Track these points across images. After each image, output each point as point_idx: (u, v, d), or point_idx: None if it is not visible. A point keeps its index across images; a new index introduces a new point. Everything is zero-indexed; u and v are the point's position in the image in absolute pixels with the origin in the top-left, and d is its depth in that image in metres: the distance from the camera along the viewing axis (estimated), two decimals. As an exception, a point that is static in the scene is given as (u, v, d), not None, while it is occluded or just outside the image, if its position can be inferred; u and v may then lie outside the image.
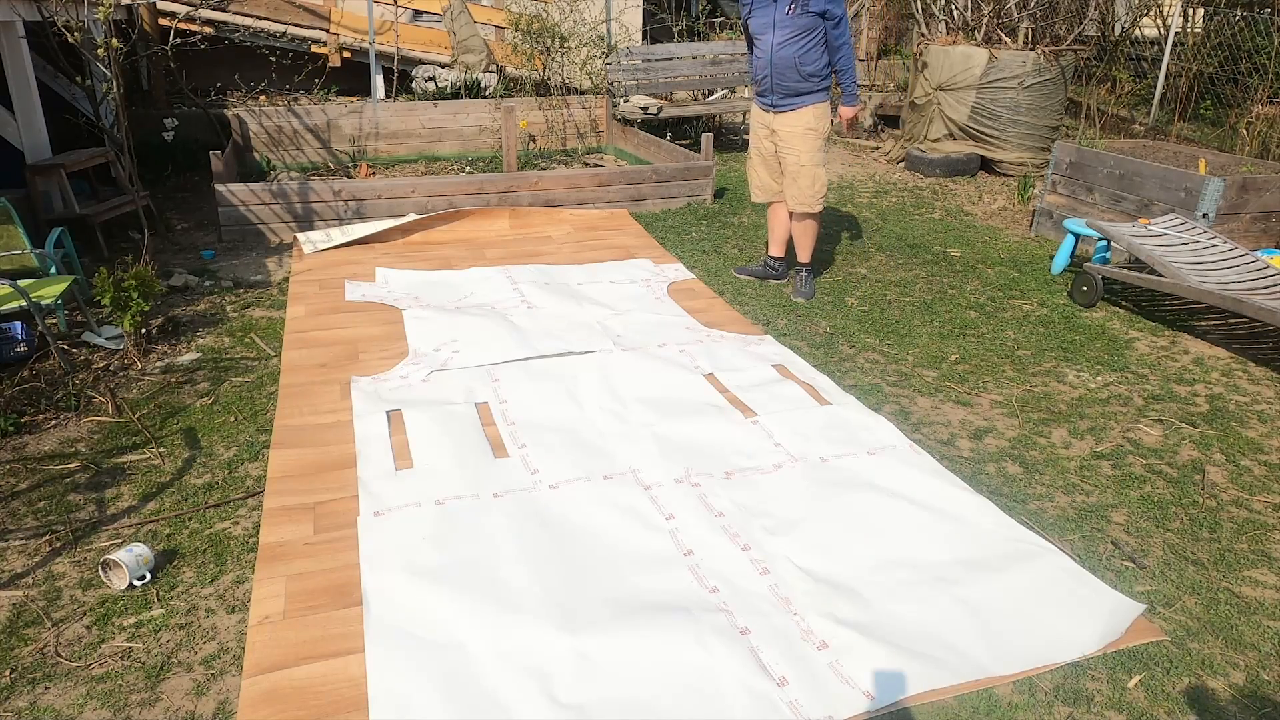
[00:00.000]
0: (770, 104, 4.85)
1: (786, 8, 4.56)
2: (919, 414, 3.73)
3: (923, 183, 7.83)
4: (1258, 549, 2.87)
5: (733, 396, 3.77)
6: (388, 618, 2.45)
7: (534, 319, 4.54)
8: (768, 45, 4.69)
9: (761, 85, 4.84)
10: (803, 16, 4.54)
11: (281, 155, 7.91)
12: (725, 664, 2.30)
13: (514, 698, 2.19)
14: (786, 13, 4.56)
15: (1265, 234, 5.58)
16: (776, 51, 4.65)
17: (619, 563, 2.71)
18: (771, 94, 4.80)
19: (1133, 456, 3.43)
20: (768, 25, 4.66)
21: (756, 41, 4.76)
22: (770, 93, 4.81)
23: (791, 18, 4.55)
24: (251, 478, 3.21)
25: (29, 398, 3.72)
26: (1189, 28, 9.77)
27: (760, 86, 4.86)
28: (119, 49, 5.13)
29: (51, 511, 3.01)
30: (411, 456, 3.26)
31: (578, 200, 6.51)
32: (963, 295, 5.11)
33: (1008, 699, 2.25)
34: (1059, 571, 2.68)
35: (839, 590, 2.59)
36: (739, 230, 6.30)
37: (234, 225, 5.80)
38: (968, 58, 7.83)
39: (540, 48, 8.78)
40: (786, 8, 4.56)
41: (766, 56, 4.72)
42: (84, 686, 2.28)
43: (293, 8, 9.10)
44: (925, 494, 3.07)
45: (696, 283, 5.21)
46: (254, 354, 4.25)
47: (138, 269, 4.00)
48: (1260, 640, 2.47)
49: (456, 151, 8.48)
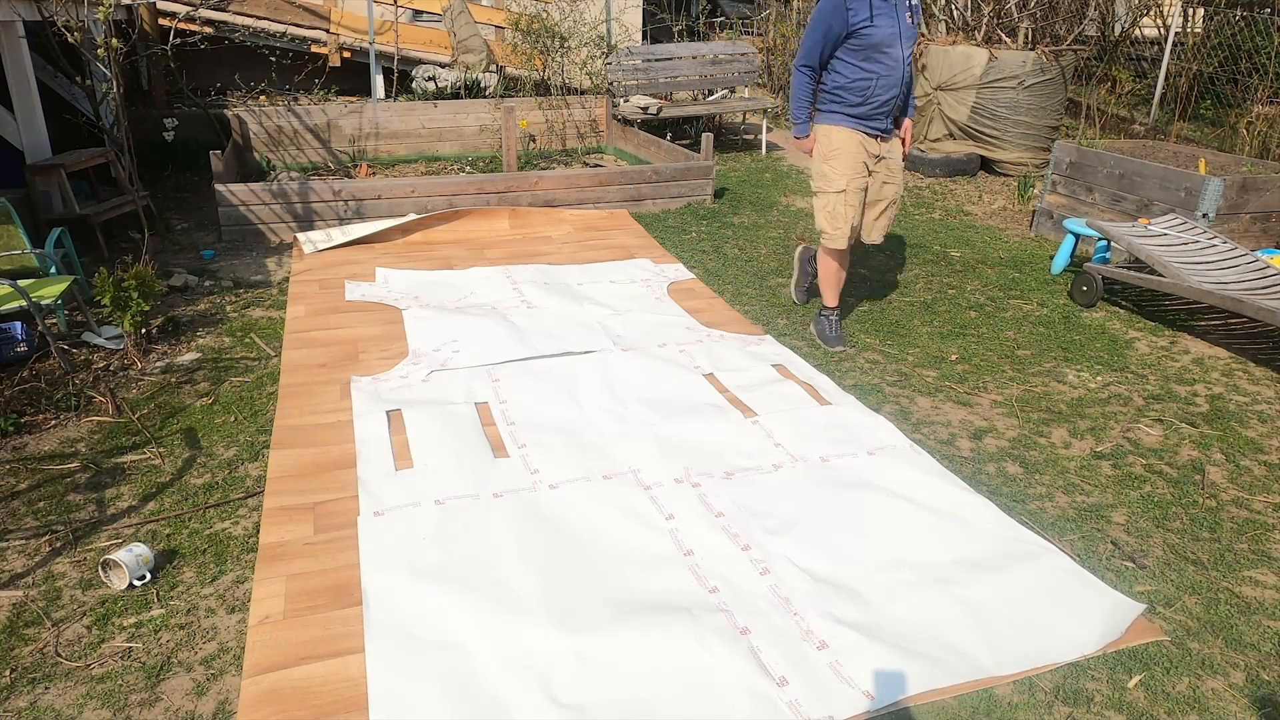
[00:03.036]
0: (882, 129, 4.13)
1: (906, 14, 3.96)
2: (919, 414, 3.73)
3: (923, 183, 7.83)
4: (1258, 549, 2.87)
5: (733, 396, 3.77)
6: (388, 618, 2.45)
7: (534, 319, 4.54)
8: (898, 58, 3.97)
9: (882, 107, 4.06)
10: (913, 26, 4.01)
11: (281, 155, 7.91)
12: (725, 664, 2.30)
13: (514, 698, 2.19)
14: (908, 19, 3.96)
15: (1265, 234, 5.58)
16: (906, 65, 4.00)
17: (619, 563, 2.71)
18: (887, 118, 4.11)
19: (1133, 456, 3.43)
20: (894, 35, 3.93)
21: (882, 55, 3.94)
22: (887, 116, 4.10)
23: (913, 26, 3.99)
24: (251, 478, 3.21)
25: (29, 398, 3.72)
26: (1189, 28, 9.77)
27: (872, 109, 4.05)
28: (119, 49, 5.12)
29: (51, 511, 3.01)
30: (411, 456, 3.26)
31: (578, 200, 6.51)
32: (963, 295, 5.11)
33: (1008, 699, 2.25)
34: (1059, 571, 2.68)
35: (839, 590, 2.59)
36: (739, 230, 6.30)
37: (234, 225, 5.80)
38: (967, 58, 7.83)
39: (540, 48, 8.77)
40: (906, 14, 3.96)
41: (898, 72, 3.98)
42: (84, 686, 2.28)
43: (293, 8, 9.10)
44: (925, 494, 3.07)
45: (696, 283, 5.21)
46: (254, 354, 4.25)
47: (138, 269, 4.00)
48: (1260, 640, 2.47)
49: (456, 151, 8.48)
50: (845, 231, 4.22)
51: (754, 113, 9.19)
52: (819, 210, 4.28)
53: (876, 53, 3.94)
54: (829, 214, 4.23)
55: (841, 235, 4.23)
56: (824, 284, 4.45)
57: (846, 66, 4.01)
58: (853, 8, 3.88)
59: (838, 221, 4.21)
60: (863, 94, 4.01)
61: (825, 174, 4.20)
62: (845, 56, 4.00)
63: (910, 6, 3.97)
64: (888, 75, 3.97)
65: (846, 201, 4.17)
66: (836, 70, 4.05)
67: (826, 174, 4.19)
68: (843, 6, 3.89)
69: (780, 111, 10.11)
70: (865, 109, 4.05)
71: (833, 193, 4.19)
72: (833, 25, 3.93)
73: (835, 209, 4.20)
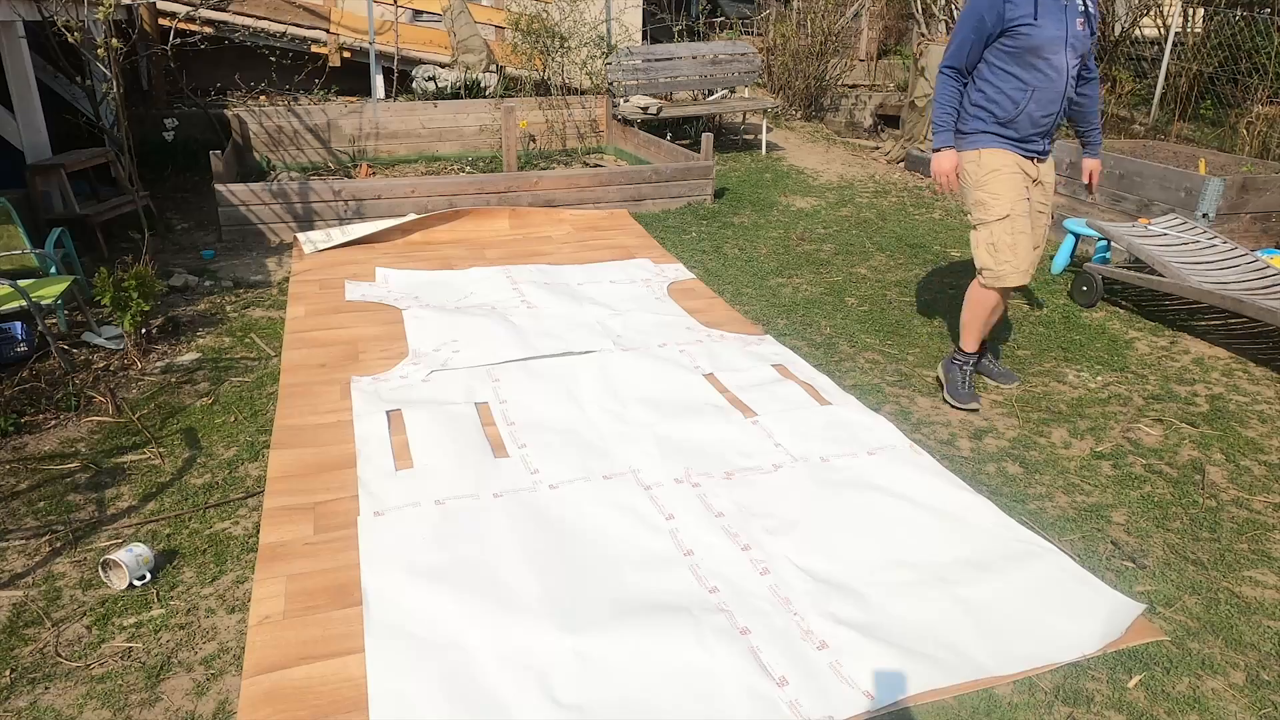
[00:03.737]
0: (1041, 151, 3.57)
1: (1078, 19, 3.37)
2: (919, 414, 3.73)
3: (923, 183, 7.83)
4: (1258, 549, 2.87)
5: (733, 396, 3.77)
6: (388, 618, 2.45)
7: (534, 319, 4.54)
8: (1061, 68, 3.37)
9: (1038, 126, 3.48)
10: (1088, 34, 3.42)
11: (281, 155, 7.91)
12: (725, 664, 2.30)
13: (514, 698, 2.19)
14: (1079, 26, 3.38)
15: (1265, 234, 5.59)
16: (1070, 79, 3.43)
17: (619, 563, 2.70)
18: (1045, 137, 3.56)
19: (1133, 456, 3.42)
20: (1059, 40, 3.33)
21: (1042, 63, 3.36)
22: (1045, 136, 3.54)
23: (1086, 34, 3.41)
24: (251, 478, 3.21)
25: (29, 398, 3.71)
26: (1189, 28, 9.77)
27: (1030, 127, 3.47)
28: (119, 49, 5.12)
29: (51, 511, 3.01)
30: (411, 456, 3.25)
31: (578, 200, 6.51)
32: (963, 295, 5.10)
33: (1008, 699, 2.25)
34: (1059, 571, 2.68)
35: (839, 590, 2.59)
36: (739, 230, 6.30)
37: (234, 225, 5.80)
38: (968, 58, 7.82)
39: (540, 48, 8.77)
40: (1078, 19, 3.37)
41: (1059, 85, 3.40)
42: (84, 686, 2.28)
43: (293, 8, 9.10)
44: (925, 494, 3.07)
45: (696, 283, 5.21)
46: (254, 354, 4.25)
47: (138, 269, 4.00)
48: (1260, 640, 2.47)
49: (456, 151, 8.48)
50: (1016, 265, 3.51)
51: (754, 113, 9.18)
52: (978, 244, 3.61)
53: (1036, 58, 3.33)
54: (991, 247, 3.54)
55: (1010, 271, 3.52)
56: (967, 324, 3.75)
57: (997, 73, 3.43)
58: (1013, 1, 3.30)
59: (1003, 254, 3.52)
60: (1016, 108, 3.43)
61: (982, 200, 3.54)
62: (996, 60, 3.42)
63: (1085, 12, 3.39)
64: (1047, 88, 3.39)
65: (1013, 229, 3.48)
66: (984, 78, 3.47)
67: (984, 200, 3.54)
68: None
69: (780, 110, 10.11)
70: (1018, 127, 3.46)
71: (994, 221, 3.51)
72: (985, 18, 3.35)
73: (999, 240, 3.51)
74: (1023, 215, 3.50)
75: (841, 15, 10.42)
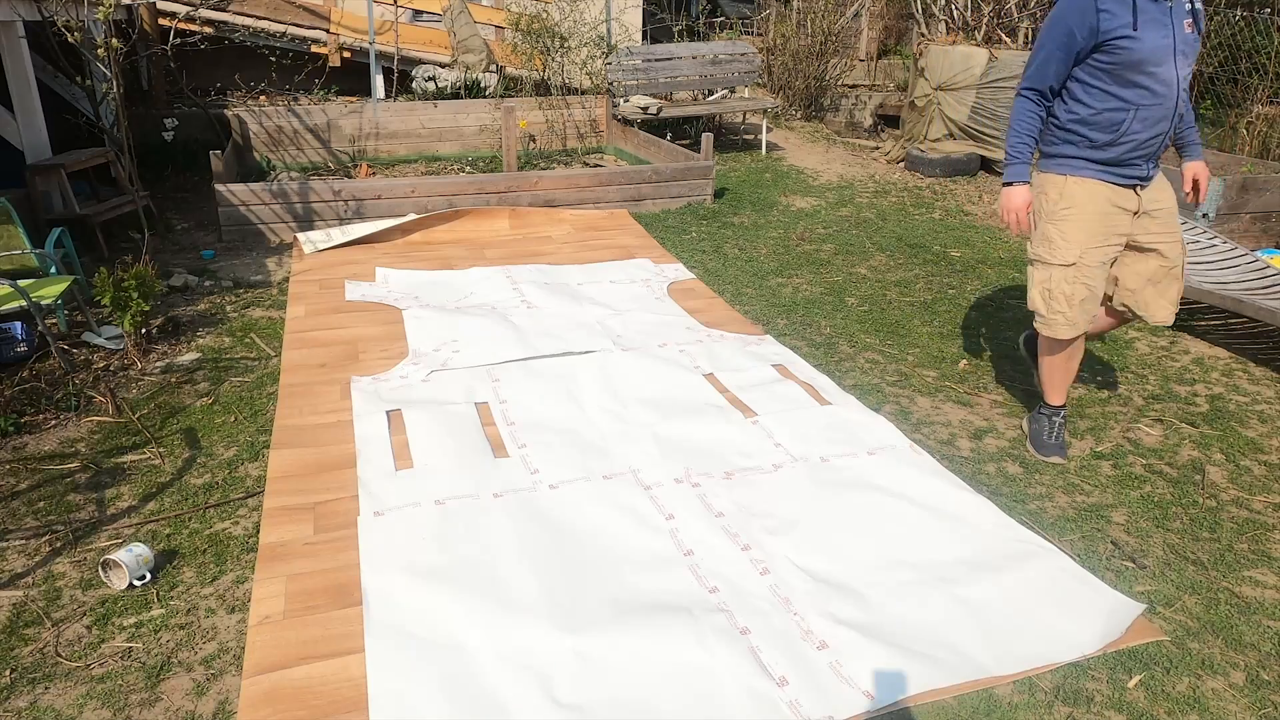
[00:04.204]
0: (1142, 176, 3.05)
1: (1186, 20, 2.91)
2: (919, 414, 3.73)
3: (923, 183, 7.83)
4: (1258, 549, 2.87)
5: (733, 396, 3.77)
6: (388, 618, 2.45)
7: (534, 319, 4.54)
8: (1170, 81, 2.90)
9: (1142, 148, 2.98)
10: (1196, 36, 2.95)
11: (281, 155, 7.91)
12: (725, 664, 2.30)
13: (514, 698, 2.19)
14: (1187, 28, 2.91)
15: (1265, 234, 5.59)
16: (1182, 91, 2.95)
17: (619, 563, 2.71)
18: (1149, 160, 3.03)
19: (1133, 456, 3.42)
20: (1166, 50, 2.86)
21: (1146, 76, 2.89)
22: (1148, 158, 3.02)
23: (1194, 37, 2.94)
24: (251, 478, 3.21)
25: (29, 398, 3.71)
26: (1189, 28, 9.75)
27: (1127, 151, 2.99)
28: (119, 49, 5.12)
29: (51, 511, 3.01)
30: (411, 456, 3.25)
31: (578, 200, 6.51)
32: (963, 295, 5.11)
33: (1008, 699, 2.25)
34: (1059, 571, 2.68)
35: (839, 590, 2.59)
36: (739, 230, 6.30)
37: (234, 225, 5.80)
38: (968, 58, 7.83)
39: (540, 48, 8.77)
40: (1186, 20, 2.91)
41: (1169, 101, 2.93)
42: (84, 686, 2.28)
43: (293, 8, 9.10)
44: (925, 494, 3.07)
45: (696, 283, 5.21)
46: (254, 354, 4.25)
47: (138, 269, 4.00)
48: (1260, 640, 2.47)
49: (456, 151, 8.48)
50: (1072, 318, 3.13)
51: (754, 113, 9.18)
52: (1033, 283, 3.21)
53: (1138, 73, 2.88)
54: (1046, 292, 3.16)
55: (1064, 322, 3.14)
56: (1044, 376, 3.41)
57: (1092, 92, 2.96)
58: (1107, 9, 2.83)
59: (1057, 303, 3.13)
60: (1114, 131, 2.95)
61: (1050, 237, 3.11)
62: (1090, 78, 2.95)
63: (1192, 10, 2.93)
64: (1154, 105, 2.92)
65: (1077, 278, 3.08)
66: (1076, 97, 3.00)
67: (1051, 237, 3.10)
68: (1092, 6, 2.85)
69: (780, 110, 10.11)
70: (1117, 152, 2.98)
71: (1056, 265, 3.10)
72: (1075, 32, 2.89)
73: (1057, 287, 3.12)
74: (1096, 265, 3.07)
75: (841, 15, 10.42)
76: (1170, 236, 3.15)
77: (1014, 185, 3.12)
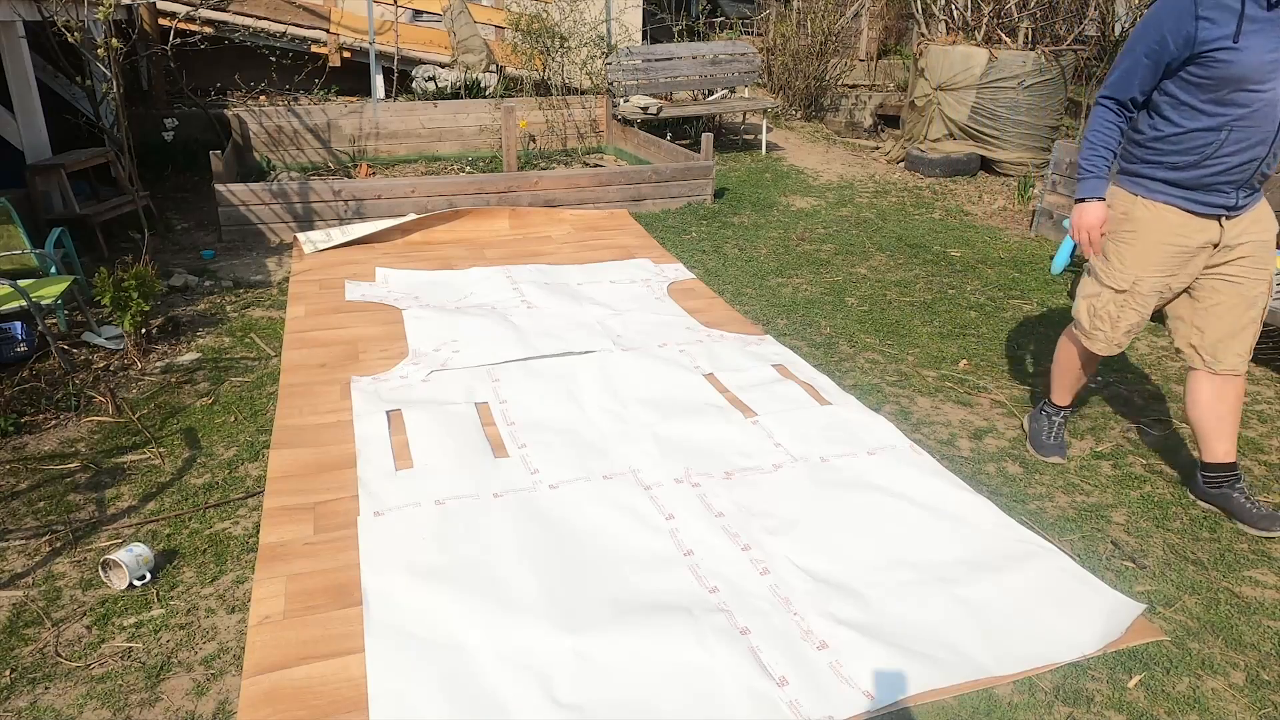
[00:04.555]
0: (1230, 206, 2.75)
1: None
2: (919, 414, 3.73)
3: (923, 183, 7.83)
4: (1258, 549, 2.87)
5: (733, 396, 3.77)
6: (388, 618, 2.45)
7: (534, 319, 4.54)
8: (1273, 99, 2.57)
9: (1234, 172, 2.68)
10: None
11: (281, 155, 7.91)
12: (725, 664, 2.30)
13: (514, 698, 2.19)
14: None
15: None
16: None
17: (619, 563, 2.71)
18: (1242, 188, 2.73)
19: (1133, 456, 3.42)
20: (1271, 66, 2.53)
21: (1246, 95, 2.57)
22: (1239, 185, 2.72)
23: None
24: (251, 478, 3.21)
25: (29, 398, 3.71)
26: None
27: (1214, 174, 2.70)
28: (119, 49, 5.12)
29: (51, 511, 3.01)
30: (411, 456, 3.26)
31: (578, 200, 6.51)
32: (963, 295, 5.11)
33: (1008, 699, 2.25)
34: (1059, 571, 2.68)
35: (839, 590, 2.59)
36: (739, 230, 6.30)
37: (234, 225, 5.80)
38: (968, 58, 7.83)
39: (540, 48, 8.77)
40: None
41: (1272, 120, 2.59)
42: (84, 686, 2.28)
43: (293, 8, 9.10)
44: (925, 494, 3.07)
45: (696, 283, 5.21)
46: (254, 354, 4.25)
47: (138, 269, 4.00)
48: (1260, 640, 2.47)
49: (456, 151, 8.48)
50: (1113, 338, 3.03)
51: (754, 113, 9.18)
52: (1083, 293, 3.09)
53: (1237, 90, 2.57)
54: (1092, 308, 3.05)
55: (1103, 340, 3.05)
56: (1058, 374, 3.32)
57: (1180, 108, 2.69)
58: (1209, 16, 2.52)
59: (1101, 322, 3.03)
60: (1202, 151, 2.67)
61: (1108, 256, 2.95)
62: (1180, 92, 2.67)
63: None
64: (1250, 127, 2.61)
65: (1127, 304, 2.95)
66: (1162, 112, 2.74)
67: (1109, 257, 2.95)
68: (1191, 12, 2.55)
69: (780, 110, 10.11)
70: (1202, 174, 2.71)
71: (1110, 288, 2.97)
72: (1169, 39, 2.60)
73: (1103, 308, 3.00)
74: (1149, 294, 2.91)
75: (841, 15, 10.42)
76: (1253, 275, 2.83)
77: (1087, 201, 2.87)
